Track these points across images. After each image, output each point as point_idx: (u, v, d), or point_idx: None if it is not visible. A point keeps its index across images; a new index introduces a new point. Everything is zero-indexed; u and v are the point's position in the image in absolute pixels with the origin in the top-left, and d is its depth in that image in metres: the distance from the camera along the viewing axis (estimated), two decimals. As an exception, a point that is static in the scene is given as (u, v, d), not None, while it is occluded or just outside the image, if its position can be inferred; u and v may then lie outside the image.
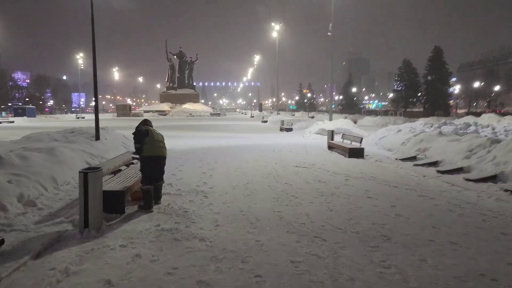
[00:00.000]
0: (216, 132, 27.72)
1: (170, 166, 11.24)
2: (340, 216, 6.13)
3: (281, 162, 12.41)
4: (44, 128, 31.15)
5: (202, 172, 10.22)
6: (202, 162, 12.37)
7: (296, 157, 13.75)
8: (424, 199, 7.44)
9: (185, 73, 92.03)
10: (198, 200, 7.20)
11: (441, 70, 65.99)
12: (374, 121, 41.10)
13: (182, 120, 53.59)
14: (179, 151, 15.33)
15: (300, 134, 24.66)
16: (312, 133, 22.39)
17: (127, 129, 30.87)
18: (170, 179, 9.14)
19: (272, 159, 13.16)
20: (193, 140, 20.54)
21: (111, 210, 6.17)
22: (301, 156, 14.06)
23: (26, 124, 44.50)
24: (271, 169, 10.91)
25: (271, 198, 7.36)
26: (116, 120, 53.49)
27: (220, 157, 13.62)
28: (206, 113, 77.78)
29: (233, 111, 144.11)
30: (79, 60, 74.29)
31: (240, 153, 14.72)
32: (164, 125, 38.45)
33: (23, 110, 66.55)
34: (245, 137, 23.59)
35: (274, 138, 22.53)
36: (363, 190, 8.08)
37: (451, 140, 12.10)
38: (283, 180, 9.16)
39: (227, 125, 38.77)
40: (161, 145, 7.36)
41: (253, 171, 10.54)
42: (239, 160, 12.84)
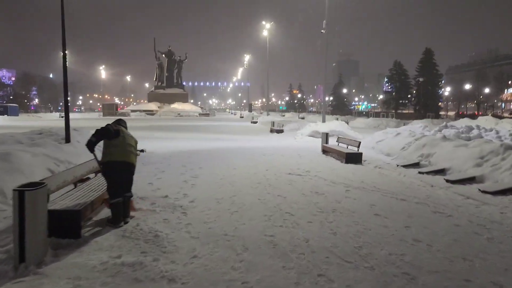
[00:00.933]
0: (204, 134, 26.50)
1: (148, 173, 10.05)
2: (346, 242, 5.00)
3: (273, 168, 11.27)
4: (22, 128, 29.57)
5: (183, 181, 9.01)
6: (185, 168, 11.17)
7: (288, 162, 12.63)
8: (441, 216, 6.36)
9: (174, 72, 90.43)
10: (174, 218, 6.00)
11: (431, 72, 65.66)
12: (366, 122, 40.23)
13: (169, 120, 52.15)
14: (161, 155, 14.10)
15: (291, 136, 23.56)
16: (305, 135, 21.31)
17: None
18: (145, 189, 7.94)
19: (262, 164, 12.01)
20: (178, 142, 19.29)
21: (63, 234, 4.96)
22: (294, 161, 12.94)
23: (5, 123, 42.65)
24: (262, 177, 9.75)
25: (262, 215, 6.21)
26: (100, 120, 51.80)
27: (205, 162, 12.43)
28: (195, 113, 76.33)
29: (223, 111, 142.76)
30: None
31: (228, 157, 13.55)
32: (150, 125, 37.10)
33: (5, 108, 64.47)
34: (234, 139, 22.41)
35: (265, 140, 21.40)
36: (368, 205, 6.97)
37: (457, 146, 11.09)
38: (276, 191, 8.01)
39: (215, 126, 37.54)
40: (132, 150, 6.15)
41: (241, 179, 9.37)
42: (226, 165, 11.67)
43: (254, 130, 32.29)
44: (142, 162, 12.17)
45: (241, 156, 13.92)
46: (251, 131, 30.94)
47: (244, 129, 33.74)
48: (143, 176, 9.59)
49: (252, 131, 30.96)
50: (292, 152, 15.45)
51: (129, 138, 6.21)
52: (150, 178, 9.34)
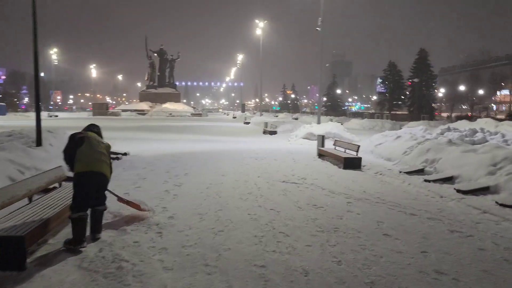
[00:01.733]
0: (194, 135, 25.48)
1: (127, 180, 9.06)
2: (354, 276, 4.07)
3: (265, 174, 10.32)
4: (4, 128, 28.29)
5: (165, 190, 8.03)
6: (169, 174, 10.18)
7: (282, 167, 11.70)
8: (460, 237, 5.46)
9: (166, 72, 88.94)
10: (147, 240, 5.04)
11: (426, 73, 65.10)
12: (361, 124, 39.43)
13: (160, 120, 50.99)
14: (146, 158, 13.10)
15: (285, 138, 22.64)
16: (299, 138, 20.40)
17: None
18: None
19: (254, 170, 11.06)
20: (166, 144, 18.28)
21: (3, 266, 3.98)
22: (288, 166, 12.01)
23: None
24: (253, 185, 8.79)
25: (252, 236, 5.26)
26: (89, 120, 50.51)
27: (192, 167, 11.45)
28: (187, 113, 75.10)
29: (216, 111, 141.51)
30: (52, 55, 70.75)
31: (217, 162, 12.58)
32: (140, 125, 35.99)
33: (-8, 107, 62.88)
34: (225, 140, 21.44)
35: (257, 142, 20.45)
36: (375, 222, 6.05)
37: (465, 151, 10.22)
38: (268, 204, 7.06)
39: (207, 127, 36.51)
40: (101, 158, 5.20)
41: (230, 188, 8.40)
42: (214, 171, 10.70)
43: (246, 131, 31.33)
44: (123, 167, 11.19)
45: (231, 160, 12.96)
46: (243, 132, 29.98)
47: (236, 130, 32.78)
48: (121, 184, 8.60)
49: (245, 132, 30.00)
50: (286, 156, 14.53)
51: (97, 145, 5.28)
52: (128, 186, 8.35)
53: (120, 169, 10.81)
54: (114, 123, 40.51)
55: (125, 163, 11.89)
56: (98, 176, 5.11)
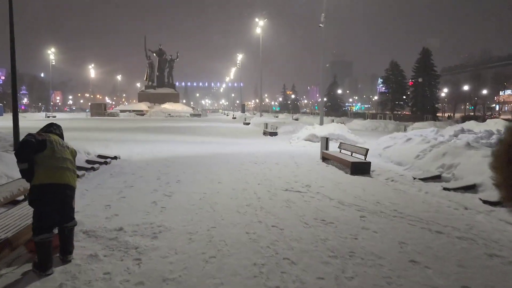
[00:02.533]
0: (192, 136, 24.51)
1: (112, 189, 8.10)
2: (384, 326, 3.11)
3: (266, 181, 9.36)
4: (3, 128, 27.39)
5: (152, 202, 7.07)
6: (160, 181, 9.23)
7: (284, 172, 10.75)
8: (502, 264, 4.50)
9: (165, 72, 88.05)
10: (121, 271, 4.08)
11: (429, 72, 64.13)
12: (363, 124, 38.48)
13: (158, 121, 50.02)
14: (137, 163, 12.15)
15: (286, 140, 21.68)
16: (301, 139, 19.43)
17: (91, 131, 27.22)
18: (96, 217, 5.99)
19: (253, 176, 10.11)
20: (161, 147, 17.33)
21: None
22: (290, 171, 11.06)
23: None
24: (252, 195, 7.83)
25: (251, 265, 4.30)
26: (85, 121, 49.63)
27: (186, 172, 10.50)
28: (186, 113, 74.11)
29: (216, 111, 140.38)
30: (50, 55, 69.82)
31: (213, 166, 11.63)
32: (137, 126, 35.01)
33: (-12, 108, 61.99)
34: (224, 142, 20.48)
35: (257, 144, 19.49)
36: (396, 243, 5.09)
37: (487, 156, 9.25)
38: (270, 219, 6.10)
39: (206, 127, 35.54)
40: (67, 165, 4.26)
41: (226, 199, 7.44)
42: (210, 178, 9.75)
43: (246, 132, 30.37)
44: (111, 172, 10.25)
45: (229, 165, 12.01)
46: (243, 133, 29.03)
47: (235, 131, 31.81)
48: (104, 193, 7.66)
49: (244, 133, 29.05)
50: (288, 159, 13.58)
51: (62, 150, 4.36)
52: (111, 197, 7.39)
53: (107, 175, 9.87)
54: (110, 124, 39.58)
55: (113, 168, 10.95)
56: (64, 189, 4.19)
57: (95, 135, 23.02)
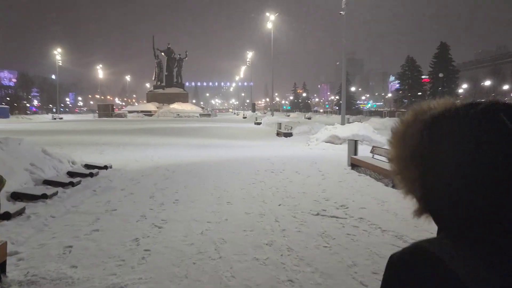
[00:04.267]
0: (200, 138, 22.53)
1: (88, 214, 6.08)
2: None
3: (288, 200, 7.29)
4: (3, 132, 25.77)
5: (133, 240, 5.02)
6: (152, 200, 7.21)
7: (309, 185, 8.67)
8: None
9: (174, 71, 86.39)
10: None
11: (447, 68, 61.48)
12: (382, 123, 36.08)
13: (166, 121, 48.21)
14: (130, 173, 10.17)
15: (303, 141, 19.57)
16: (320, 141, 17.30)
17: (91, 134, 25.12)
18: (46, 271, 3.96)
19: (272, 191, 8.04)
20: (163, 151, 15.36)
21: None
22: (316, 183, 8.98)
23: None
24: (273, 225, 5.74)
25: None
26: (91, 122, 48.10)
27: (188, 186, 8.48)
28: (195, 113, 72.33)
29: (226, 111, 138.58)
30: (57, 56, 68.61)
31: (222, 178, 9.59)
32: (142, 127, 33.14)
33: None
34: (235, 145, 18.46)
35: (271, 147, 17.44)
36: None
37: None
38: (305, 276, 4.00)
39: (215, 128, 33.55)
40: None
41: (237, 233, 5.37)
42: (217, 194, 7.70)
43: (258, 133, 28.33)
44: (96, 188, 8.27)
45: (241, 175, 9.95)
46: (254, 134, 26.99)
47: (246, 131, 29.78)
48: (73, 223, 5.67)
49: (256, 134, 27.01)
50: (310, 166, 11.49)
51: None
52: (79, 230, 5.38)
53: (88, 192, 7.88)
54: (115, 125, 37.87)
55: (100, 182, 8.96)
56: None
57: (94, 139, 21.18)
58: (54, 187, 7.96)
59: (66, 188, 8.03)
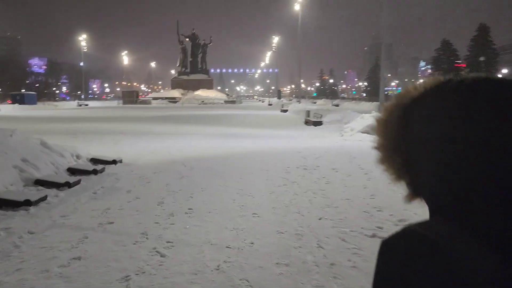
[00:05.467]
0: (223, 126, 21.11)
1: (76, 230, 4.67)
2: None
3: (330, 209, 5.72)
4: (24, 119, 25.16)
5: (122, 280, 3.58)
6: (160, 209, 5.79)
7: (353, 189, 7.09)
8: None
9: (198, 57, 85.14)
10: None
11: (486, 51, 57.66)
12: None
13: (190, 108, 47.09)
14: (142, 170, 8.82)
15: (335, 131, 17.86)
16: (356, 132, 15.54)
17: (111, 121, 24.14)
18: None
19: (308, 197, 6.49)
20: (183, 142, 14.01)
21: None
22: (361, 185, 7.39)
23: (12, 113, 38.67)
24: (316, 254, 4.18)
25: None
26: (114, 109, 47.51)
27: (205, 189, 7.03)
28: (220, 100, 71.05)
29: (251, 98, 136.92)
30: (82, 42, 68.46)
31: (246, 177, 8.10)
32: (165, 115, 31.95)
33: (22, 96, 61.31)
34: (261, 134, 16.94)
35: (301, 138, 15.83)
36: None
37: None
38: None
39: (240, 116, 32.05)
40: None
41: (268, 265, 3.85)
42: (240, 202, 6.22)
43: (285, 121, 26.68)
44: (97, 189, 6.96)
45: (269, 174, 8.44)
46: (281, 122, 25.37)
47: (273, 119, 28.18)
48: (52, 246, 4.31)
49: (283, 122, 25.38)
50: (348, 163, 9.86)
51: None
52: (56, 255, 4.00)
53: (87, 195, 6.55)
54: (137, 112, 36.97)
55: (105, 181, 7.64)
56: None
57: (112, 127, 20.10)
58: (47, 188, 6.68)
59: (61, 189, 6.73)
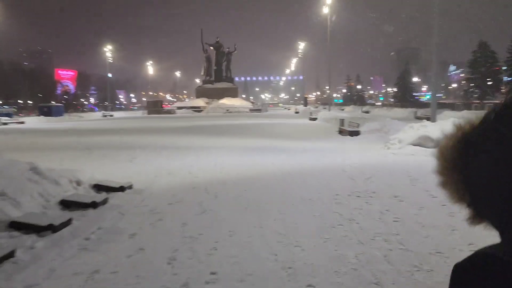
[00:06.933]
0: (251, 138, 19.29)
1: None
2: None
3: (423, 276, 3.77)
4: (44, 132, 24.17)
5: None
6: (173, 269, 4.00)
7: (435, 229, 5.10)
8: None
9: (223, 65, 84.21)
10: None
11: (527, 52, 53.90)
12: (462, 117, 30.99)
13: (215, 118, 45.62)
14: (154, 199, 7.07)
15: (376, 142, 15.77)
16: (405, 144, 13.38)
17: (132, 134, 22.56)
18: None
19: (381, 250, 4.54)
20: (206, 158, 12.28)
21: None
22: (444, 224, 5.37)
23: (35, 125, 38.13)
24: None
25: None
26: (138, 120, 46.59)
27: (235, 232, 5.19)
28: (245, 108, 69.57)
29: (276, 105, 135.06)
30: (107, 52, 68.52)
31: (287, 210, 6.21)
32: (189, 125, 30.39)
33: (49, 108, 61.56)
34: (292, 148, 15.02)
35: (339, 151, 13.83)
36: None
37: None
38: None
39: (267, 125, 30.21)
40: None
41: None
42: (284, 257, 4.33)
43: (316, 130, 24.67)
44: (90, 233, 5.23)
45: (314, 205, 6.52)
46: (312, 132, 23.38)
47: (303, 129, 26.21)
48: None
49: (314, 132, 23.38)
50: (411, 186, 7.84)
51: None
52: None
53: (77, 243, 4.83)
54: (161, 123, 35.70)
55: (105, 218, 5.91)
56: None
57: (131, 140, 18.62)
58: (23, 234, 4.99)
59: (41, 235, 5.02)
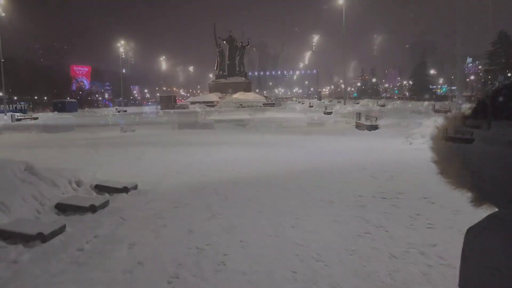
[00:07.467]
0: (264, 134, 18.59)
1: None
2: None
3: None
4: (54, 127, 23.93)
5: None
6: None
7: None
8: None
9: (236, 60, 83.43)
10: None
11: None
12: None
13: (228, 112, 44.97)
14: (162, 200, 6.47)
15: (396, 137, 14.96)
16: (428, 138, 12.55)
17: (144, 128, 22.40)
18: None
19: (418, 267, 3.84)
20: (217, 154, 11.67)
21: None
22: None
23: (48, 121, 38.04)
24: None
25: None
26: (149, 115, 46.28)
27: (247, 243, 4.54)
28: (258, 103, 68.74)
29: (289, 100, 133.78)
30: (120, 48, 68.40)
31: (303, 216, 5.55)
32: (200, 120, 29.93)
33: (63, 104, 61.80)
34: (308, 143, 14.31)
35: (358, 147, 13.07)
36: None
37: None
38: None
39: (281, 119, 29.40)
40: None
41: None
42: (303, 281, 3.67)
43: (332, 125, 23.84)
44: (84, 243, 4.63)
45: (335, 208, 5.85)
46: (328, 126, 22.61)
47: (318, 123, 25.40)
48: None
49: (330, 126, 22.60)
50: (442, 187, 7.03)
51: None
52: None
53: (68, 255, 4.25)
54: (173, 117, 35.24)
55: (103, 224, 5.33)
56: None
57: (141, 135, 18.14)
58: (9, 245, 4.43)
59: (29, 246, 4.46)
